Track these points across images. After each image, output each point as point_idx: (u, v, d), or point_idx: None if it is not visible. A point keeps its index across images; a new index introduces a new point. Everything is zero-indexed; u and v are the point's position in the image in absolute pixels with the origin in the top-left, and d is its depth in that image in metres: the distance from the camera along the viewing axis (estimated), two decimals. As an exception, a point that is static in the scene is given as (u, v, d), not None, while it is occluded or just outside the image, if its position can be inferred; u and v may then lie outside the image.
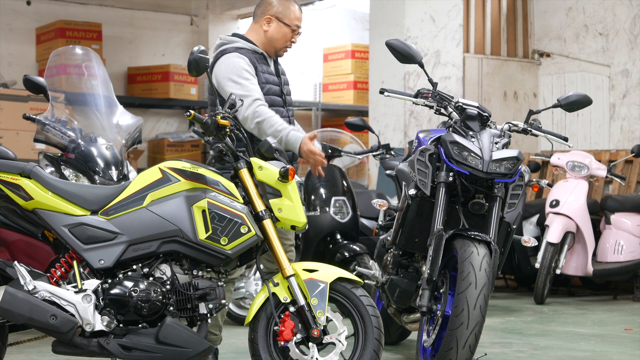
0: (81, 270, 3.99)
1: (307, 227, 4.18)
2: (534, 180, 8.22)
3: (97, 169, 5.60)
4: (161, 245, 3.96)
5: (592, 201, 8.27)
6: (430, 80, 4.70)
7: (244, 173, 4.05)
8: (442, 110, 4.69)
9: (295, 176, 4.06)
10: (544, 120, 9.35)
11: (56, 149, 5.79)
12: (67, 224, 3.98)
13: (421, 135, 4.73)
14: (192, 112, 3.94)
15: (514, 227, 4.66)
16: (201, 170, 4.02)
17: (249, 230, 3.95)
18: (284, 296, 4.00)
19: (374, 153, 7.50)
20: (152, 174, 4.06)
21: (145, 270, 3.98)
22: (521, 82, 9.90)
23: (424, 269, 4.40)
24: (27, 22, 10.87)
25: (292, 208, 4.02)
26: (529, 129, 4.77)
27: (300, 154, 4.66)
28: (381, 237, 5.41)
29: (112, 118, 5.91)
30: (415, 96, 4.73)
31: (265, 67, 4.81)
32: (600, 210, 8.29)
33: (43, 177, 4.03)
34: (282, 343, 3.97)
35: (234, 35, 4.89)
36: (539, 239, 7.86)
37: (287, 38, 4.87)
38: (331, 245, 7.20)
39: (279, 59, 5.03)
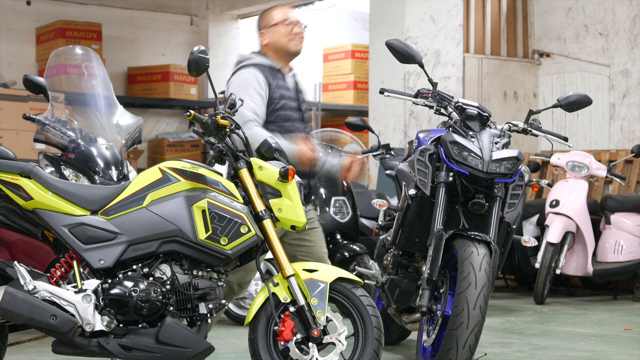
0: (81, 270, 3.99)
1: (307, 227, 4.18)
2: (534, 180, 8.22)
3: (97, 169, 5.59)
4: (161, 245, 3.96)
5: (592, 201, 8.27)
6: (430, 80, 4.70)
7: (244, 173, 4.05)
8: (442, 110, 4.69)
9: (295, 176, 4.06)
10: (544, 120, 9.35)
11: (56, 149, 5.78)
12: (67, 224, 3.98)
13: (421, 135, 4.73)
14: (192, 112, 3.94)
15: (514, 227, 4.65)
16: (201, 170, 4.02)
17: (249, 230, 3.95)
18: (284, 296, 4.00)
19: (374, 153, 7.50)
20: (152, 174, 4.06)
21: (145, 270, 3.98)
22: (521, 82, 9.90)
23: (424, 269, 4.40)
24: (27, 22, 10.87)
25: (292, 208, 4.01)
26: (529, 129, 4.77)
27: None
28: (381, 237, 5.40)
29: (112, 118, 5.90)
30: (415, 96, 4.73)
31: (281, 83, 4.87)
32: (600, 210, 8.29)
33: (43, 177, 4.03)
34: (282, 343, 3.97)
35: (252, 53, 4.98)
36: (539, 239, 7.86)
37: (285, 34, 4.91)
38: (331, 245, 7.20)
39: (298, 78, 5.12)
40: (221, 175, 4.06)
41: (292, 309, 3.99)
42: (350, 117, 8.27)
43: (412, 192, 4.58)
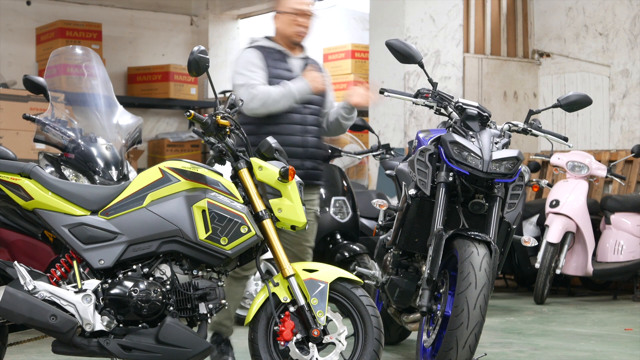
0: (81, 270, 3.99)
1: (307, 227, 4.18)
2: (534, 180, 8.22)
3: (97, 169, 5.59)
4: (161, 245, 3.96)
5: (592, 201, 8.27)
6: (430, 80, 4.70)
7: (244, 173, 4.05)
8: (442, 110, 4.69)
9: (295, 176, 4.06)
10: (544, 120, 9.35)
11: (56, 149, 5.79)
12: (67, 224, 3.98)
13: (421, 135, 4.73)
14: (192, 112, 3.94)
15: (514, 227, 4.66)
16: (201, 170, 4.02)
17: (249, 230, 3.95)
18: (284, 296, 4.00)
19: (374, 153, 7.50)
20: (152, 174, 4.06)
21: (145, 270, 3.98)
22: (521, 82, 9.90)
23: (424, 269, 4.40)
24: (27, 22, 10.87)
25: (292, 208, 4.02)
26: (529, 129, 4.77)
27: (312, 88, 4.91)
28: (381, 237, 5.41)
29: (112, 118, 5.90)
30: (415, 96, 4.73)
31: (279, 64, 4.91)
32: (600, 210, 8.29)
33: (43, 177, 4.03)
34: (282, 343, 3.97)
35: (262, 37, 5.07)
36: (539, 239, 7.86)
37: (291, 24, 4.97)
38: (331, 245, 7.20)
39: (312, 56, 5.15)
40: (221, 175, 4.06)
41: (292, 309, 4.00)
42: (350, 117, 8.24)
43: (412, 192, 4.58)
